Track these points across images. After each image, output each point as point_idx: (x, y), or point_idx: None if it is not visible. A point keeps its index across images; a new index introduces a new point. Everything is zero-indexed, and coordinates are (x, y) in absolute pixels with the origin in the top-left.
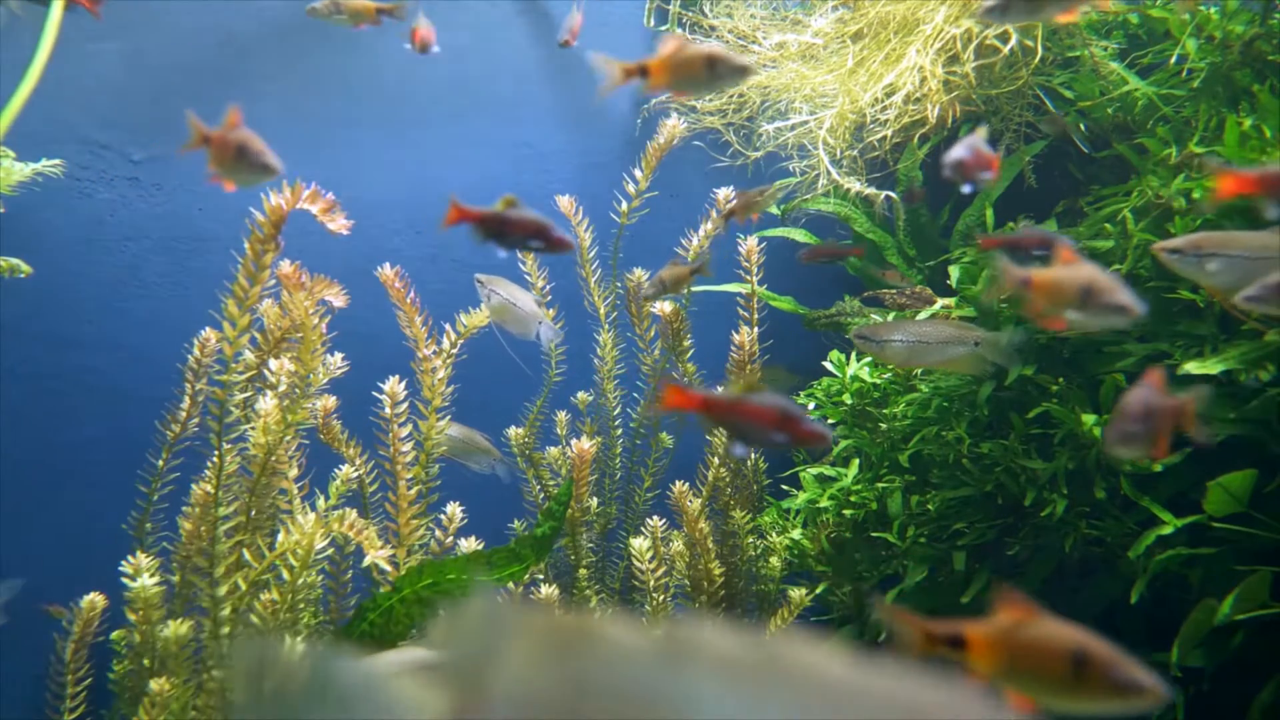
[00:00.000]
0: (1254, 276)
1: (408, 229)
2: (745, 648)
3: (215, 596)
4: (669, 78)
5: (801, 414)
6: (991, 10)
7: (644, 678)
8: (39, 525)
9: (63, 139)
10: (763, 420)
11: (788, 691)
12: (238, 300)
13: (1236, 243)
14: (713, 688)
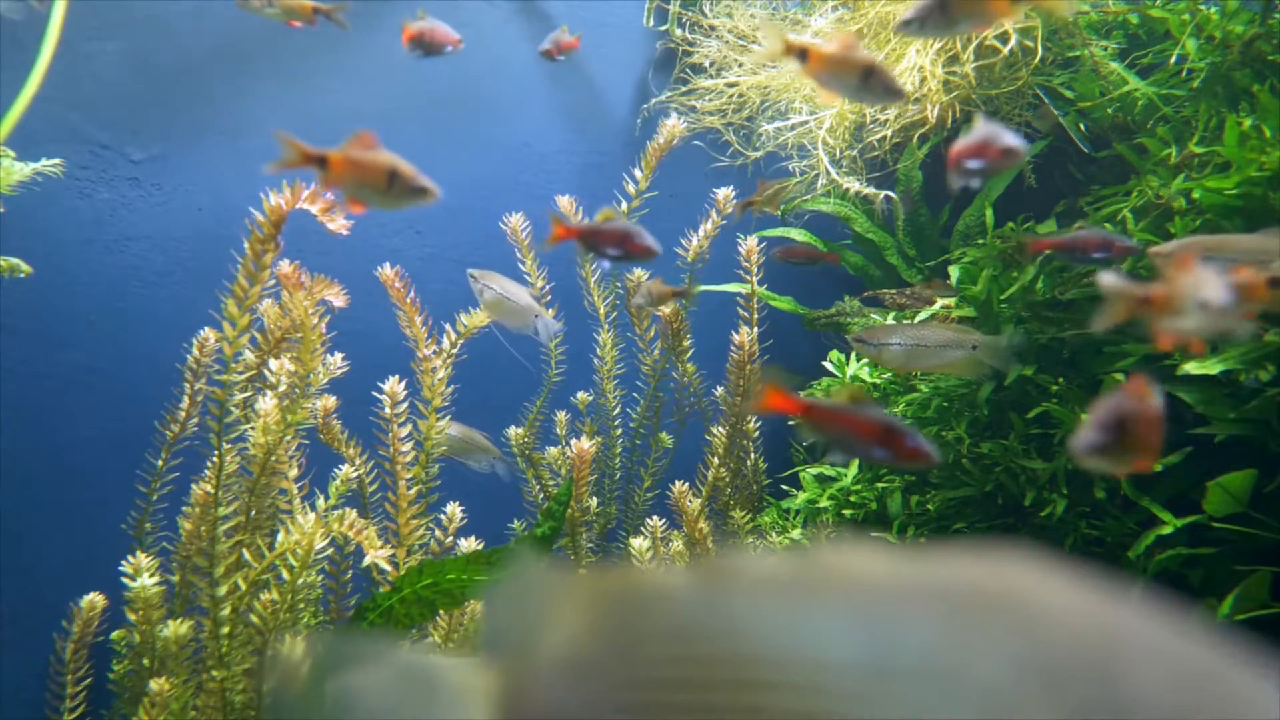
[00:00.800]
0: None
1: (408, 229)
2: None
3: (215, 596)
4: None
5: (908, 430)
6: (909, 24)
7: (691, 616)
8: (39, 525)
9: (63, 139)
10: (866, 434)
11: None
12: (238, 300)
13: (1230, 245)
14: (760, 609)
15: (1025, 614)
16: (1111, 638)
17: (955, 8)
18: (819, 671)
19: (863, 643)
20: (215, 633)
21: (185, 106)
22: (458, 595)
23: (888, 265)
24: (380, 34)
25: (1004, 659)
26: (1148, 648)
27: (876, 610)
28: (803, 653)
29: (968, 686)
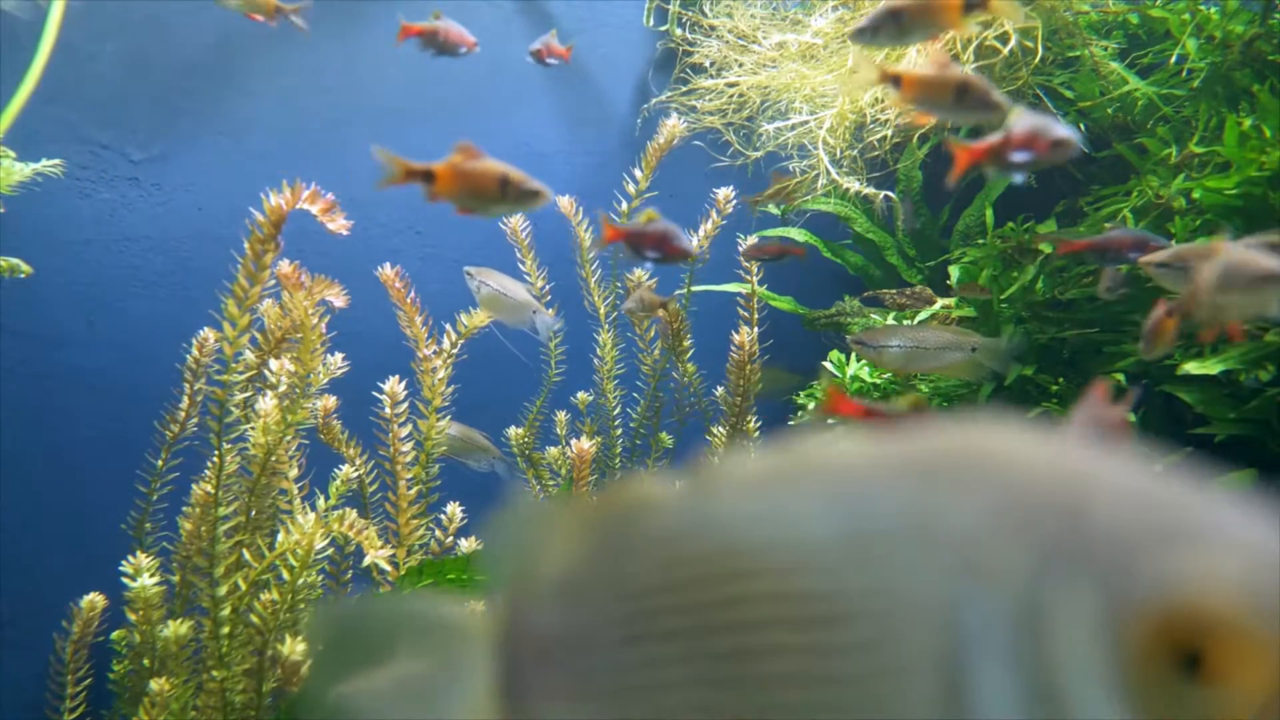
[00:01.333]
0: None
1: (408, 229)
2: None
3: (215, 596)
4: None
5: None
6: (862, 33)
7: (678, 522)
8: (39, 525)
9: (63, 139)
10: None
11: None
12: (238, 300)
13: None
14: (742, 505)
15: (994, 468)
16: (1080, 479)
17: (908, 18)
18: (798, 551)
19: (838, 517)
20: (215, 633)
21: (185, 106)
22: (458, 595)
23: (888, 265)
24: (380, 34)
25: (975, 509)
26: (1117, 486)
27: (851, 486)
28: (783, 537)
29: (941, 539)
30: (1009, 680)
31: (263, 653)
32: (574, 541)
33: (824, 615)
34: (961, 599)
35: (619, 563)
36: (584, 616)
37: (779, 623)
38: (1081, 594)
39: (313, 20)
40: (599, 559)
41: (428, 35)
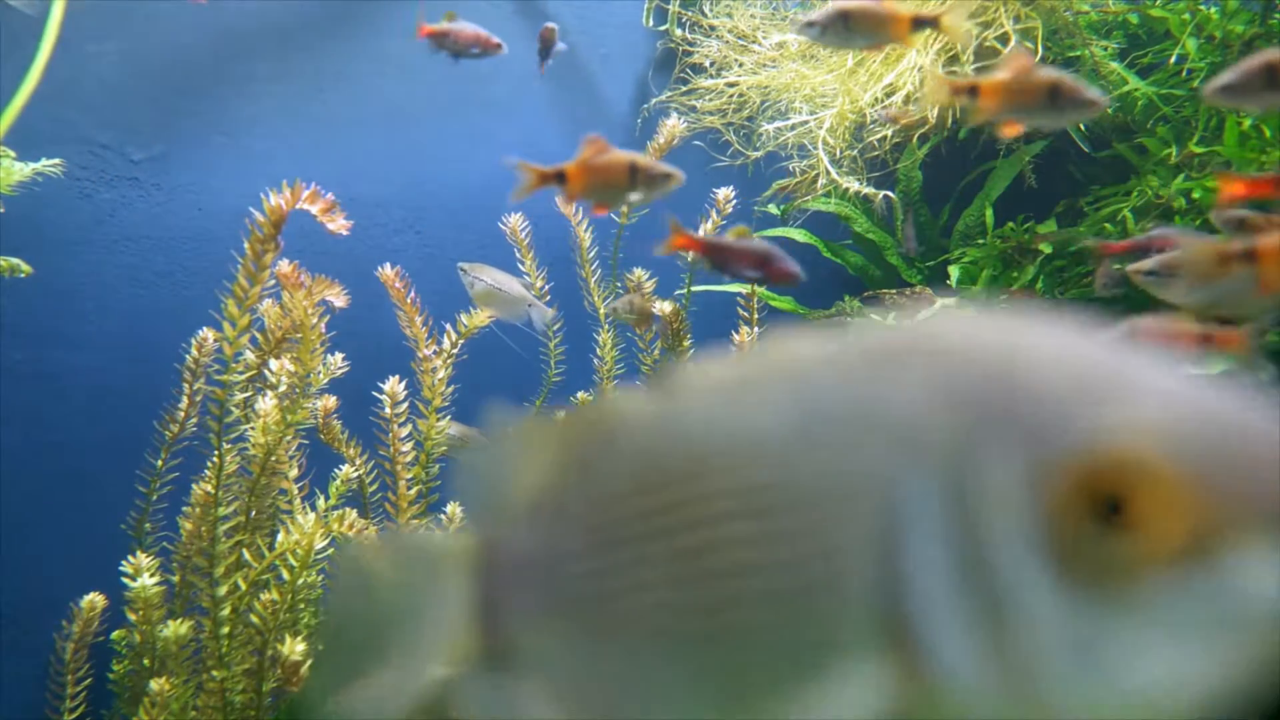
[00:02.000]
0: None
1: (408, 229)
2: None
3: (215, 596)
4: None
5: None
6: (810, 26)
7: (646, 432)
8: (38, 525)
9: (63, 139)
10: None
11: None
12: (237, 300)
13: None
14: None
15: (934, 350)
16: (1013, 350)
17: (855, 23)
18: (754, 445)
19: (791, 409)
20: (215, 633)
21: (185, 106)
22: None
23: (888, 265)
24: (381, 35)
25: (912, 389)
26: (1047, 353)
27: (803, 379)
28: (739, 433)
29: (881, 420)
30: (940, 551)
31: (263, 653)
32: (548, 461)
33: (777, 503)
34: (898, 475)
35: (589, 476)
36: (558, 531)
37: (736, 515)
38: (1008, 457)
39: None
40: (571, 474)
41: (437, 37)
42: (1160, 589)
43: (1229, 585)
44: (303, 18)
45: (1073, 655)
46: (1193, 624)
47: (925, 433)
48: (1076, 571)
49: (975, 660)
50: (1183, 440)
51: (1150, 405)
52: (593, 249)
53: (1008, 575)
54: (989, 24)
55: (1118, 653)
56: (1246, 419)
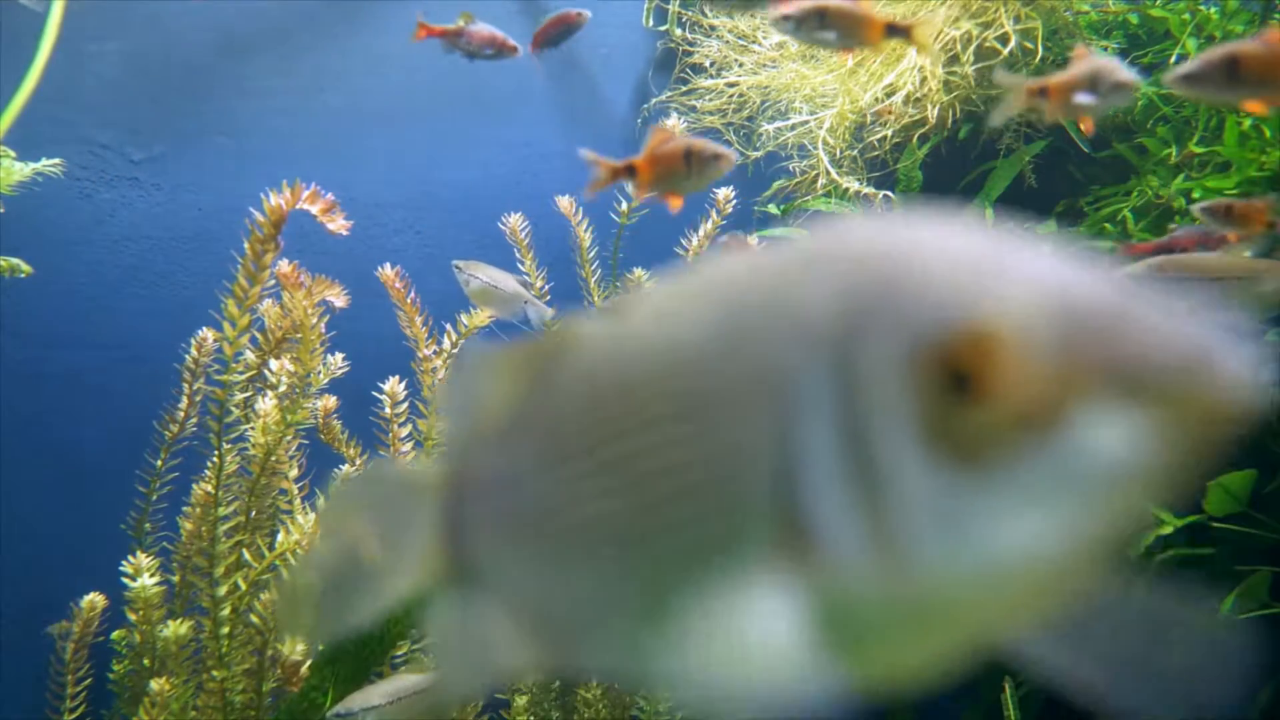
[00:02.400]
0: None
1: (408, 229)
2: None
3: (215, 596)
4: None
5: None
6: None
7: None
8: (39, 525)
9: (63, 139)
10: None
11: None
12: (237, 300)
13: (1197, 264)
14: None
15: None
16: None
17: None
18: (678, 353)
19: (711, 315)
20: (215, 633)
21: (185, 106)
22: None
23: None
24: (381, 35)
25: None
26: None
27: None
28: (667, 344)
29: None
30: (829, 438)
31: (263, 653)
32: (511, 387)
33: (696, 405)
34: (796, 369)
35: (542, 398)
36: (514, 452)
37: (663, 420)
38: (883, 342)
39: (313, 21)
40: (531, 399)
41: (451, 37)
42: (1015, 457)
43: (1078, 449)
44: (303, 18)
45: (941, 529)
46: (1047, 489)
47: (818, 326)
48: (942, 447)
49: (858, 541)
50: (1033, 312)
51: (1008, 283)
52: (593, 249)
53: (883, 455)
54: (989, 24)
55: (981, 523)
56: (1101, 290)
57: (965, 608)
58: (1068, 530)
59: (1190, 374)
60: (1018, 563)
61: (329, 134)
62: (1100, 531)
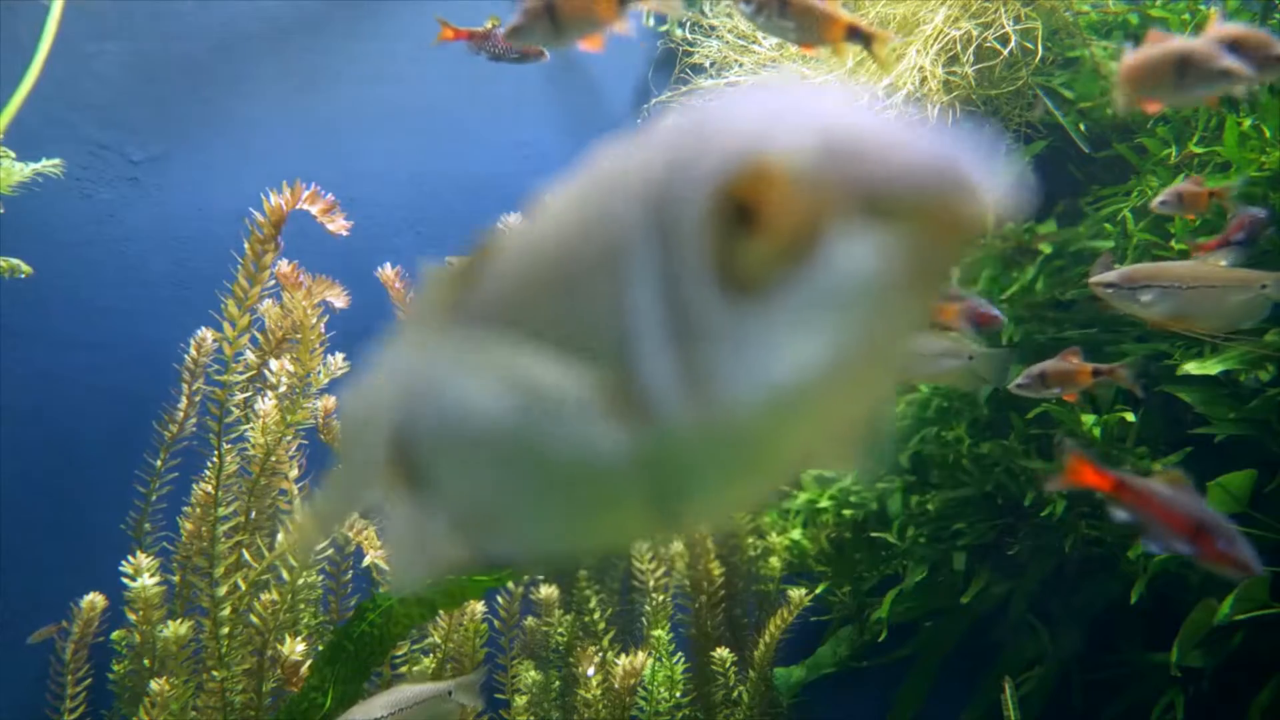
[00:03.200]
0: (1188, 306)
1: (408, 229)
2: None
3: (215, 597)
4: None
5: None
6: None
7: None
8: (39, 525)
9: (63, 139)
10: (1174, 525)
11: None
12: (237, 300)
13: (1169, 274)
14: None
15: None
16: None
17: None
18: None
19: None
20: (215, 633)
21: (185, 106)
22: (457, 595)
23: None
24: (381, 35)
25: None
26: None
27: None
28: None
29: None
30: (651, 290)
31: (263, 653)
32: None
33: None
34: (631, 233)
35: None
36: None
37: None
38: (689, 192)
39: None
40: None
41: (478, 39)
42: (788, 282)
43: (838, 268)
44: (303, 18)
45: (737, 361)
46: (817, 310)
47: (645, 192)
48: (730, 282)
49: (674, 384)
50: (796, 144)
51: (783, 123)
52: None
53: (687, 296)
54: (989, 24)
55: (768, 350)
56: (859, 121)
57: (769, 434)
58: (842, 347)
59: (932, 188)
60: (804, 384)
61: (329, 134)
62: (874, 346)
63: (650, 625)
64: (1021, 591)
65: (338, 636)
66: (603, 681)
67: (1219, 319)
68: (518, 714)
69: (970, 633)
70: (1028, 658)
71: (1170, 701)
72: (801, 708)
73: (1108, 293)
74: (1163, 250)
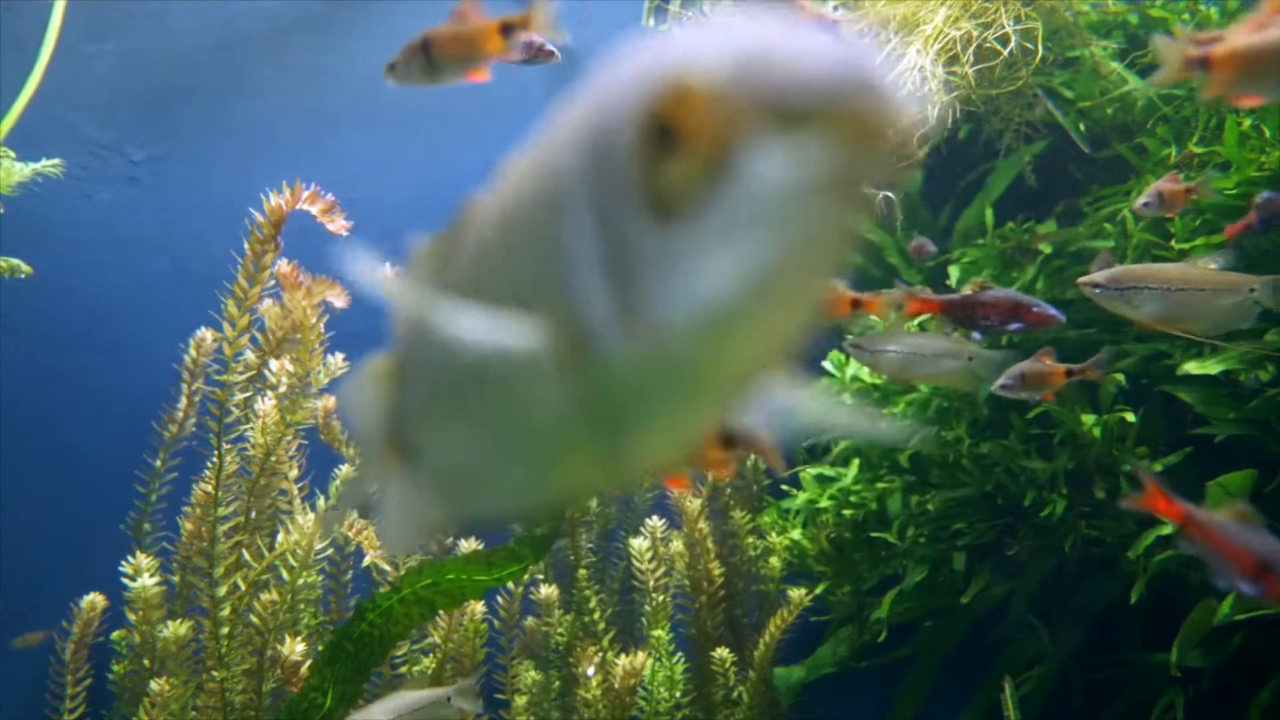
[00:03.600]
0: (1176, 308)
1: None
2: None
3: (215, 597)
4: None
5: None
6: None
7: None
8: (39, 525)
9: (63, 139)
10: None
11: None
12: (237, 300)
13: (1157, 275)
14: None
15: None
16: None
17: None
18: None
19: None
20: (215, 633)
21: (185, 106)
22: (457, 595)
23: (888, 265)
24: (381, 35)
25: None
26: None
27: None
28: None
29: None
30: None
31: (262, 653)
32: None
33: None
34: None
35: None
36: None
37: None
38: (620, 121)
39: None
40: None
41: None
42: (709, 199)
43: (757, 180)
44: (302, 18)
45: (665, 286)
46: (740, 224)
47: (583, 131)
48: (658, 206)
49: (614, 320)
50: (712, 61)
51: (703, 44)
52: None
53: (618, 224)
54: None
55: (691, 273)
56: (772, 36)
57: (704, 355)
58: (768, 259)
59: (836, 91)
60: (733, 300)
61: (329, 134)
62: (800, 256)
63: (650, 625)
64: (1021, 591)
65: (338, 636)
66: (603, 681)
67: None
68: (518, 714)
69: (970, 633)
70: (1028, 658)
71: (1170, 701)
72: (801, 708)
73: (1095, 293)
74: (1163, 250)
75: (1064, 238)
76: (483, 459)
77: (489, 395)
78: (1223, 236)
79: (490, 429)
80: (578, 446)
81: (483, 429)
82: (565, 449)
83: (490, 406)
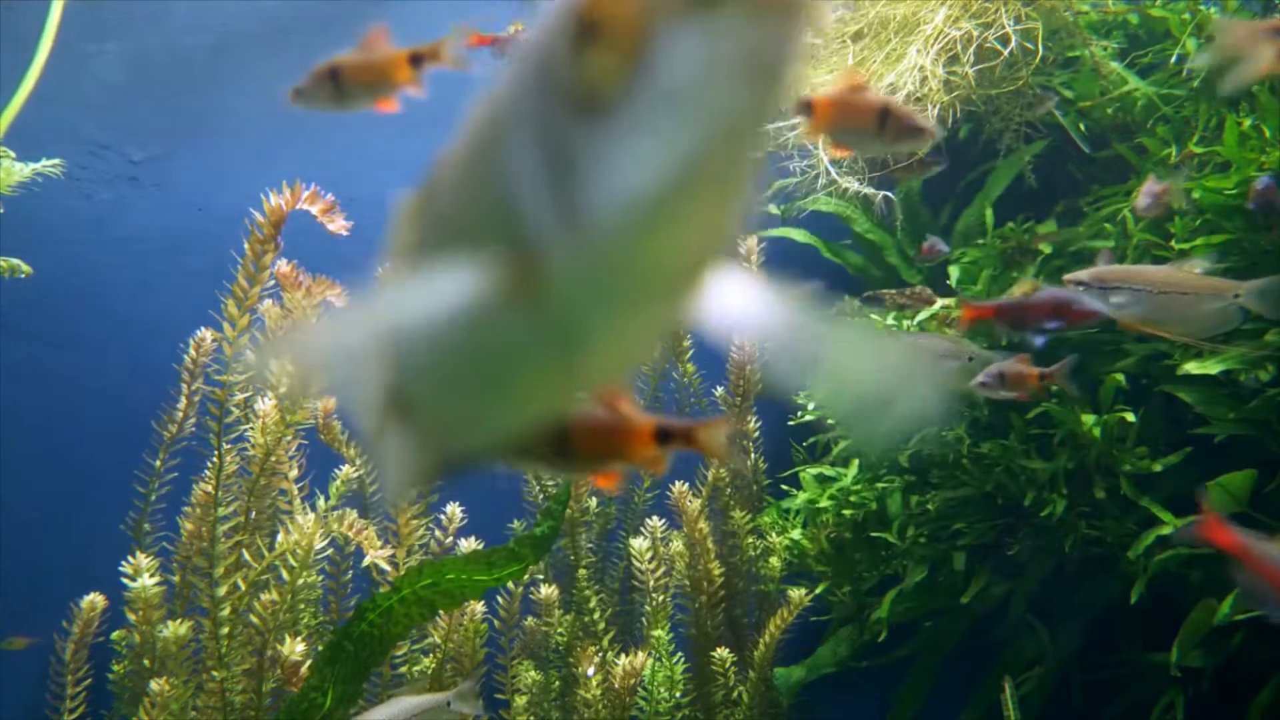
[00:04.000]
0: (1159, 310)
1: None
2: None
3: (215, 597)
4: None
5: None
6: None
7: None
8: (39, 525)
9: (63, 139)
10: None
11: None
12: (237, 300)
13: (1140, 276)
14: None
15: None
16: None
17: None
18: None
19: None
20: (215, 633)
21: (185, 106)
22: (457, 595)
23: (888, 265)
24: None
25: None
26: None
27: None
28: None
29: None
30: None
31: (262, 653)
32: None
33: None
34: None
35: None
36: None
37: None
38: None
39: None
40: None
41: (503, 43)
42: (632, 90)
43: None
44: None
45: (597, 182)
46: (664, 110)
47: (529, 50)
48: (584, 101)
49: (555, 227)
50: None
51: None
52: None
53: (553, 130)
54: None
55: (620, 165)
56: None
57: (642, 249)
58: (692, 144)
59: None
60: (663, 187)
61: (328, 134)
62: (724, 140)
63: (650, 625)
64: (1021, 591)
65: (338, 636)
66: (603, 681)
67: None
68: (518, 714)
69: (970, 633)
70: (1028, 658)
71: (1170, 701)
72: (801, 708)
73: (1079, 290)
74: (1163, 251)
75: (1064, 238)
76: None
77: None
78: (1223, 237)
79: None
80: (537, 371)
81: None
82: (530, 374)
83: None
